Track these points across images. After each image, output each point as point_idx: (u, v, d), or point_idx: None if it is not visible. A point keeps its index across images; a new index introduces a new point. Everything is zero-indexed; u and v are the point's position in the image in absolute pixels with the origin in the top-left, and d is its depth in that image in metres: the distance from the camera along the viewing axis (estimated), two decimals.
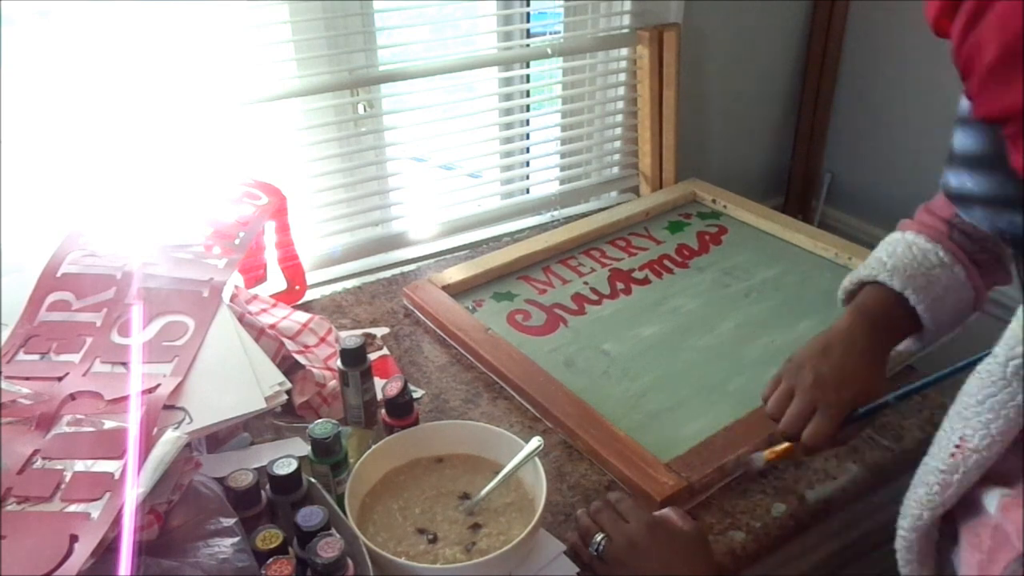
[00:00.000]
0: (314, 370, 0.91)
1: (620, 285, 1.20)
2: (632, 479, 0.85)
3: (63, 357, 0.78)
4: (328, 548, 0.65)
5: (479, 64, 1.36)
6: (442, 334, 1.10)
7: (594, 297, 1.17)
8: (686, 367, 1.04)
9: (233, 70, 1.12)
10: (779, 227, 1.30)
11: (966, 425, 0.56)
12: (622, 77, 1.49)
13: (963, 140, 0.48)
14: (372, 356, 0.96)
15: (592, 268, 1.24)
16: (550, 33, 1.45)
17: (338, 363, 0.85)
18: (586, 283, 1.21)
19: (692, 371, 1.03)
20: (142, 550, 0.63)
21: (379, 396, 0.87)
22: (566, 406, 0.94)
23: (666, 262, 1.25)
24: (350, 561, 0.66)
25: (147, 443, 0.68)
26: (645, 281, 1.21)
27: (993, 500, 0.55)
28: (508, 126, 1.45)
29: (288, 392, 0.79)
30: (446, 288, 1.15)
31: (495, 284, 1.20)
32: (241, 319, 0.86)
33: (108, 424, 0.71)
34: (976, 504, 0.56)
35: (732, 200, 1.38)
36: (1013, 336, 0.53)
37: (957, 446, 0.56)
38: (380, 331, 1.10)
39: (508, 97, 1.43)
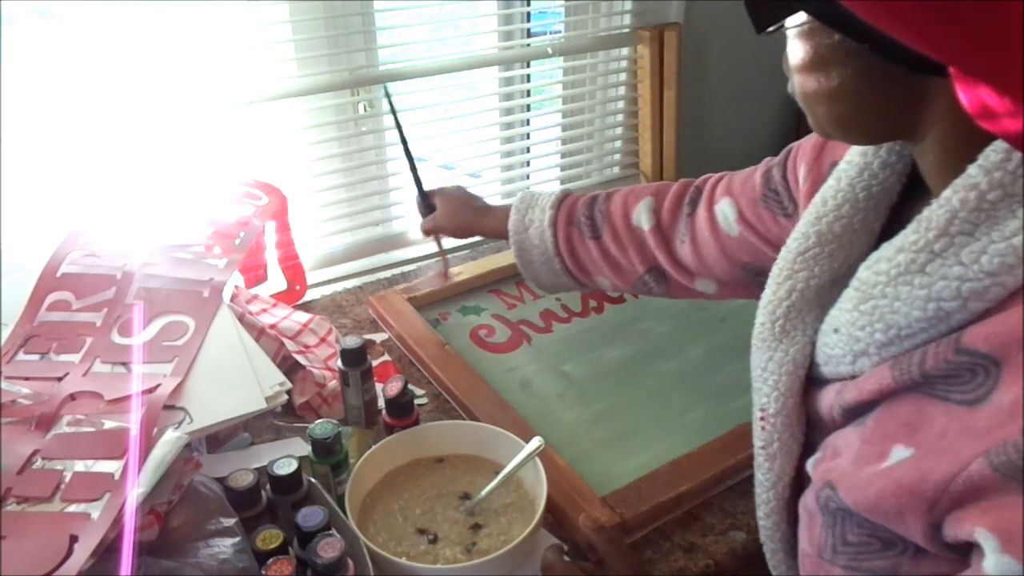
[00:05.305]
0: (314, 370, 0.91)
1: (592, 303, 1.16)
2: (566, 511, 0.80)
3: (63, 357, 0.78)
4: (328, 548, 0.65)
5: (479, 64, 1.36)
6: (400, 347, 1.07)
7: (563, 315, 1.14)
8: (645, 393, 0.99)
9: (233, 70, 1.12)
10: None
11: (759, 394, 0.61)
12: (623, 77, 1.49)
13: None
14: (374, 363, 0.96)
15: None
16: (550, 33, 1.45)
17: (338, 363, 0.85)
18: (558, 299, 1.16)
19: (651, 398, 0.98)
20: (142, 550, 0.63)
21: (379, 397, 0.87)
22: (512, 430, 0.84)
23: None
24: (350, 561, 0.66)
25: (147, 443, 0.68)
26: (620, 300, 1.17)
27: (810, 466, 0.58)
28: (508, 126, 1.45)
29: (288, 392, 0.79)
30: (412, 300, 1.12)
31: (464, 297, 1.17)
32: (241, 319, 0.86)
33: (108, 424, 0.71)
34: (807, 476, 0.59)
35: None
36: (772, 298, 0.60)
37: (761, 418, 0.61)
38: (380, 336, 1.10)
39: (508, 97, 1.43)
